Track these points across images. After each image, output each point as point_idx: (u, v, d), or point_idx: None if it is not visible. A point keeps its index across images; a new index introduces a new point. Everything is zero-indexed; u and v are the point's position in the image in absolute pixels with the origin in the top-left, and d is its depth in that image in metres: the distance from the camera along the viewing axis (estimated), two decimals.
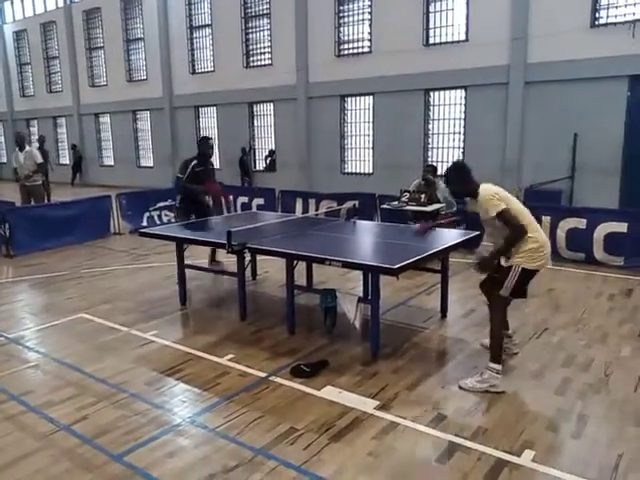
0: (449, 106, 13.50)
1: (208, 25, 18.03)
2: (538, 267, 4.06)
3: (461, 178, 4.20)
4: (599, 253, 7.54)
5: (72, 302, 6.42)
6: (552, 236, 7.89)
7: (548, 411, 3.74)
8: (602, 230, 7.51)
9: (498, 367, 4.05)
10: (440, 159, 13.57)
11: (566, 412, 3.71)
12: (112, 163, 22.62)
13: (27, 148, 10.22)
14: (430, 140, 13.80)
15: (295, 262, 5.07)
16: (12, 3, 25.62)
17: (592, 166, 11.26)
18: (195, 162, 7.30)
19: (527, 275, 4.06)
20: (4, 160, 27.56)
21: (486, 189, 4.06)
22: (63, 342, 5.18)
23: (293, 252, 4.89)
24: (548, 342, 4.95)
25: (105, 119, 22.60)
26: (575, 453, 3.27)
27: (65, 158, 24.39)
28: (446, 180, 4.40)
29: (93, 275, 7.70)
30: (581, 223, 7.67)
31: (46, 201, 11.53)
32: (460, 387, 4.06)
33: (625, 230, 7.35)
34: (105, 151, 22.99)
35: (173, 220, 8.24)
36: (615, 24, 10.86)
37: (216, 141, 18.69)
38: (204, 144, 7.49)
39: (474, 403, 3.87)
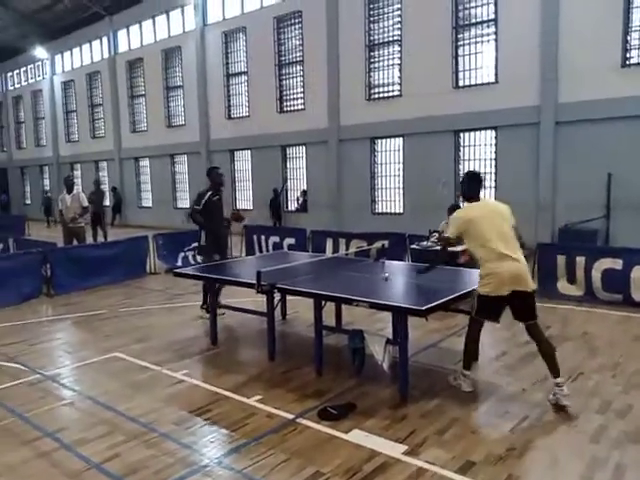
0: (480, 147, 13.55)
1: (244, 72, 18.77)
2: (488, 293, 4.35)
3: (465, 183, 4.71)
4: (636, 294, 7.33)
5: (107, 341, 6.58)
6: (587, 277, 7.75)
7: (582, 460, 3.61)
8: (639, 271, 7.32)
9: (467, 372, 4.68)
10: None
11: (602, 461, 3.58)
12: (150, 205, 23.35)
13: (74, 191, 10.68)
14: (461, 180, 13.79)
15: (323, 302, 5.11)
16: (62, 56, 27.26)
17: (628, 205, 11.05)
18: (210, 192, 7.37)
19: (486, 300, 4.39)
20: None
21: (462, 210, 4.66)
22: (97, 380, 5.31)
23: (321, 292, 4.95)
24: (583, 387, 4.80)
25: (144, 162, 23.49)
26: None
27: (106, 200, 25.28)
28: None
29: (129, 314, 7.90)
30: (617, 263, 7.50)
31: (103, 240, 12.03)
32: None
33: None
34: (144, 193, 23.80)
35: (199, 259, 8.21)
36: None
37: (250, 183, 19.19)
38: (215, 173, 7.57)
39: (505, 450, 3.77)
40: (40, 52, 26.83)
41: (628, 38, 11.13)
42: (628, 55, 11.16)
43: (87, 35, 25.20)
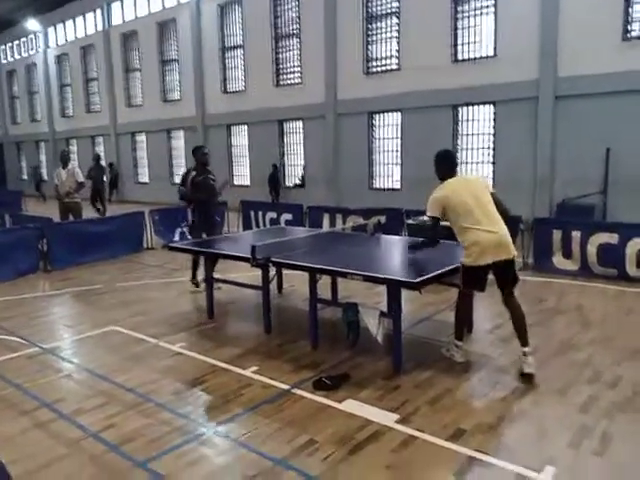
0: (478, 121, 13.45)
1: (240, 46, 18.50)
2: (471, 263, 4.42)
3: (435, 164, 4.81)
4: (631, 269, 7.38)
5: (105, 315, 6.63)
6: (582, 251, 7.78)
7: (571, 428, 3.68)
8: (635, 245, 7.36)
9: (459, 343, 4.80)
10: (471, 174, 13.49)
11: (590, 430, 3.65)
12: (147, 180, 23.26)
13: (70, 166, 10.61)
14: (459, 155, 13.74)
15: (318, 276, 5.14)
16: (55, 29, 26.81)
17: (626, 181, 11.03)
18: (194, 173, 7.35)
19: (471, 271, 4.46)
20: (45, 177, 28.63)
21: (440, 188, 4.60)
22: (95, 353, 5.37)
23: (315, 266, 4.97)
24: (575, 359, 4.87)
25: (141, 137, 23.31)
26: (597, 470, 3.22)
27: (106, 175, 25.17)
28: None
29: (125, 289, 7.94)
30: (612, 238, 7.53)
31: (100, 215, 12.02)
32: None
33: None
34: (140, 169, 23.68)
35: (188, 237, 8.25)
36: None
37: (247, 158, 19.08)
38: (197, 153, 7.52)
39: (496, 418, 3.84)
40: (33, 25, 26.36)
41: (630, 10, 10.95)
42: (629, 28, 11.00)
43: (81, 7, 24.75)
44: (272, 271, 5.82)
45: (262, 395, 4.29)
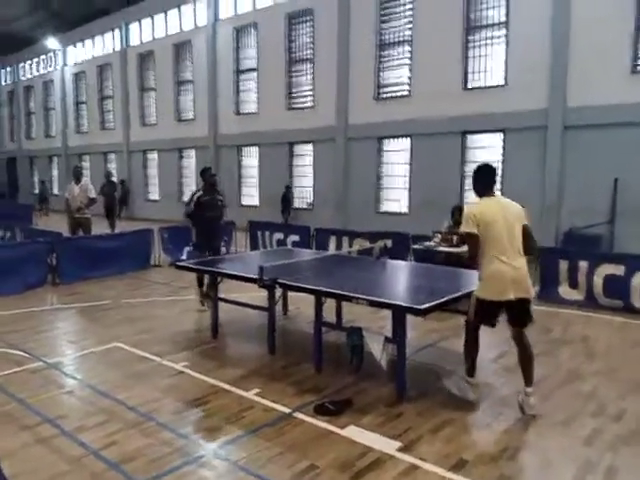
0: (487, 149, 13.53)
1: (254, 69, 18.81)
2: (486, 297, 4.23)
3: (474, 178, 4.51)
4: (637, 301, 7.33)
5: (110, 331, 6.65)
6: (588, 282, 7.75)
7: (575, 461, 3.64)
8: None
9: (471, 380, 4.51)
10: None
11: (594, 464, 3.61)
12: (157, 198, 23.48)
13: (82, 182, 10.75)
14: (467, 182, 13.81)
15: (324, 299, 5.15)
16: (74, 47, 27.41)
17: (633, 211, 11.02)
18: (200, 193, 7.56)
19: (484, 305, 4.26)
20: (56, 192, 28.99)
21: (475, 206, 4.37)
22: (98, 369, 5.38)
23: (321, 289, 4.99)
24: (579, 390, 4.82)
25: (153, 155, 23.61)
26: None
27: (117, 192, 25.46)
28: None
29: (132, 305, 7.97)
30: (619, 269, 7.50)
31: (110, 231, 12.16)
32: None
33: None
34: (151, 186, 23.92)
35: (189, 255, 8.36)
36: None
37: (257, 179, 19.25)
38: (205, 174, 7.73)
39: (499, 450, 3.80)
40: (52, 43, 26.99)
41: (638, 45, 11.08)
42: (637, 62, 11.11)
43: (99, 27, 25.35)
44: (278, 292, 5.84)
45: (263, 418, 4.27)
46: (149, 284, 9.59)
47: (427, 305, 4.34)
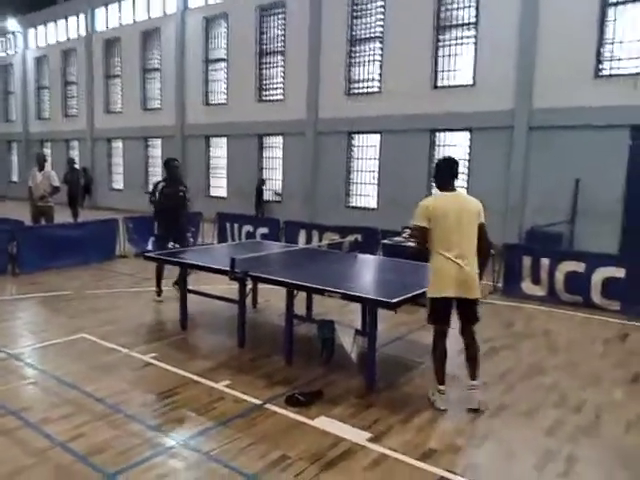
0: (454, 147, 13.76)
1: (223, 59, 18.58)
2: (433, 294, 4.19)
3: (435, 171, 4.42)
4: (596, 297, 7.61)
5: (74, 322, 6.50)
6: (550, 278, 8.00)
7: (537, 451, 3.77)
8: (600, 274, 7.60)
9: (440, 387, 4.38)
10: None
11: (555, 453, 3.74)
12: (121, 187, 22.98)
13: (46, 169, 10.44)
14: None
15: (295, 292, 5.17)
16: (36, 30, 26.49)
17: (593, 211, 11.40)
18: (163, 184, 7.49)
19: (435, 303, 4.21)
20: (15, 179, 28.03)
21: (430, 199, 4.31)
22: (63, 360, 5.26)
23: (293, 282, 5.00)
24: (541, 383, 4.99)
25: (117, 144, 23.07)
26: None
27: (81, 179, 24.77)
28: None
29: (96, 296, 7.81)
30: (580, 267, 7.76)
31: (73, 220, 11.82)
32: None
33: (623, 275, 7.44)
34: (115, 175, 23.40)
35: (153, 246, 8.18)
36: (618, 76, 11.19)
37: (225, 171, 19.07)
38: (168, 165, 7.62)
39: (465, 439, 3.91)
40: (12, 24, 26.00)
41: (601, 50, 11.44)
42: (601, 66, 11.48)
43: (63, 11, 24.57)
44: (249, 285, 5.82)
45: (234, 409, 4.27)
46: (114, 275, 9.41)
47: (398, 299, 4.40)
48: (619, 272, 7.47)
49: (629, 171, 11.15)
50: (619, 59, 11.25)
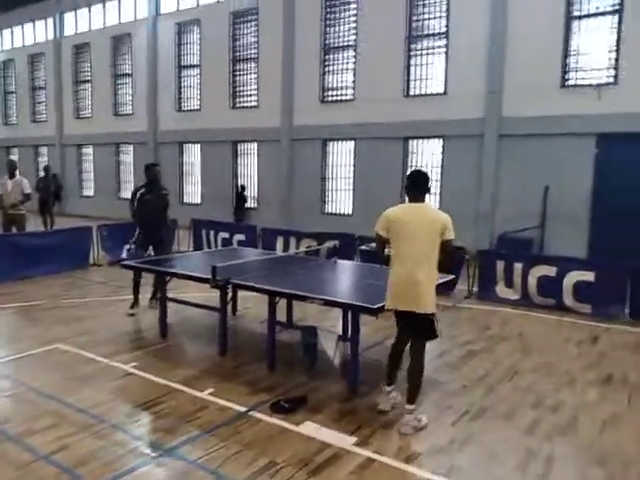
0: (427, 154, 13.99)
1: (196, 65, 18.51)
2: (389, 306, 4.14)
3: (405, 184, 4.32)
4: (568, 300, 7.84)
5: (49, 332, 6.38)
6: (523, 282, 8.21)
7: (518, 451, 3.88)
8: (571, 278, 7.83)
9: (386, 388, 4.45)
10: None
11: (535, 452, 3.86)
12: (92, 194, 22.60)
13: (17, 177, 10.21)
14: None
15: (277, 299, 5.20)
16: (1, 34, 25.90)
17: (562, 217, 11.75)
18: (143, 190, 7.39)
19: (395, 315, 4.20)
20: None
21: (392, 209, 4.23)
22: (40, 372, 5.17)
23: (276, 289, 5.03)
24: (518, 385, 5.13)
25: (88, 150, 22.69)
26: None
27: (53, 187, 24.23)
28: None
29: (71, 305, 7.68)
30: (551, 271, 7.99)
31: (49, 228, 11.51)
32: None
33: (593, 279, 7.69)
34: (86, 182, 22.99)
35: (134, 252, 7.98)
36: (583, 86, 11.59)
37: (198, 177, 18.95)
38: (149, 171, 7.51)
39: (448, 442, 3.99)
40: None
41: (567, 61, 11.83)
42: (566, 77, 11.87)
43: (31, 14, 24.05)
44: (229, 293, 5.82)
45: (219, 418, 4.27)
46: (88, 283, 9.26)
47: (380, 304, 4.47)
48: (589, 276, 7.72)
49: (595, 178, 11.55)
50: (584, 70, 11.66)
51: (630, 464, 3.76)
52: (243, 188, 17.17)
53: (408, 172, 4.52)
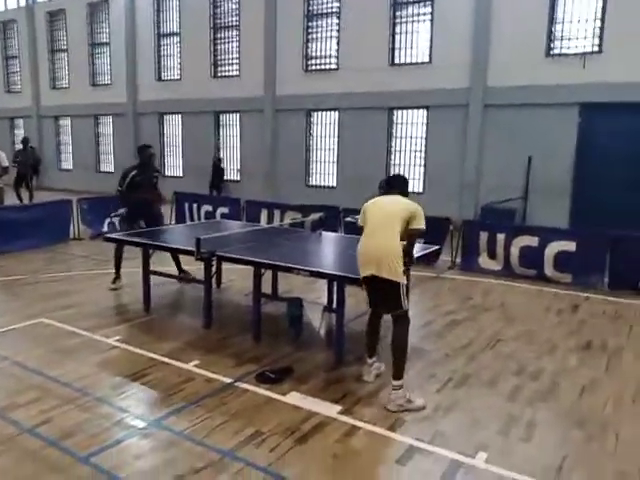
0: (412, 125, 13.91)
1: (176, 33, 18.02)
2: (360, 274, 4.20)
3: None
4: (549, 270, 7.94)
5: (31, 306, 6.31)
6: (506, 252, 8.29)
7: (500, 417, 3.96)
8: (553, 248, 7.92)
9: (368, 360, 4.51)
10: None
11: (517, 418, 3.95)
12: (71, 167, 22.15)
13: None
14: (393, 157, 14.18)
15: (263, 271, 5.18)
16: None
17: (544, 187, 11.83)
18: (135, 172, 7.14)
19: (364, 284, 4.23)
20: None
21: (370, 200, 4.43)
22: (23, 346, 5.12)
23: (262, 261, 5.01)
24: (501, 352, 5.21)
25: (65, 122, 22.13)
26: (524, 455, 3.50)
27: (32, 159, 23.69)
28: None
29: (53, 280, 7.58)
30: (533, 241, 8.07)
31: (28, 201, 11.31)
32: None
33: (574, 249, 7.79)
34: (64, 155, 22.51)
35: (119, 228, 7.74)
36: (567, 55, 11.54)
37: (180, 149, 18.66)
38: (143, 152, 7.32)
39: (432, 409, 4.05)
40: None
41: (552, 29, 11.74)
42: (552, 45, 11.79)
43: None
44: (214, 265, 5.78)
45: (205, 389, 4.28)
46: (70, 258, 9.14)
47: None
48: (570, 246, 7.81)
49: (578, 148, 11.60)
50: (569, 39, 11.59)
51: (607, 425, 3.87)
52: (220, 160, 16.91)
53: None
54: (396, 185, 4.51)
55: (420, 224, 4.14)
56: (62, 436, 3.55)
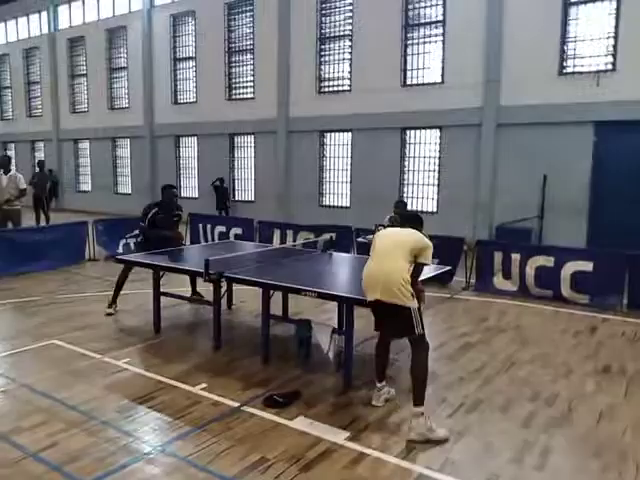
0: (425, 144, 13.90)
1: (192, 58, 18.38)
2: (366, 298, 4.17)
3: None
4: (566, 291, 7.79)
5: (44, 328, 6.34)
6: (521, 273, 8.15)
7: (513, 443, 3.84)
8: (569, 268, 7.77)
9: (377, 384, 4.43)
10: (415, 195, 13.98)
11: (531, 445, 3.82)
12: (89, 189, 22.54)
13: (12, 172, 10.12)
14: (406, 177, 14.16)
15: (271, 292, 5.15)
16: None
17: (560, 206, 11.69)
18: (155, 209, 7.08)
19: (370, 309, 4.22)
20: None
21: (382, 230, 4.59)
22: (34, 368, 5.13)
23: (269, 282, 4.98)
24: (515, 376, 5.08)
25: (84, 145, 22.60)
26: None
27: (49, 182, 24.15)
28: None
29: (67, 301, 7.63)
30: (549, 261, 7.93)
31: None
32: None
33: (591, 269, 7.63)
34: (82, 177, 22.93)
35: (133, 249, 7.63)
36: (581, 73, 11.47)
37: (195, 171, 18.88)
38: (166, 192, 7.25)
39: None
40: None
41: (565, 48, 11.72)
42: (564, 64, 11.75)
43: (24, 8, 23.88)
44: (224, 286, 5.77)
45: (211, 413, 4.23)
46: (84, 279, 9.21)
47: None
48: (587, 266, 7.66)
49: (594, 167, 11.46)
50: (582, 57, 11.55)
51: (626, 454, 3.72)
52: (222, 181, 17.06)
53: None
54: (410, 221, 4.46)
55: (427, 260, 4.10)
56: (67, 460, 3.51)
